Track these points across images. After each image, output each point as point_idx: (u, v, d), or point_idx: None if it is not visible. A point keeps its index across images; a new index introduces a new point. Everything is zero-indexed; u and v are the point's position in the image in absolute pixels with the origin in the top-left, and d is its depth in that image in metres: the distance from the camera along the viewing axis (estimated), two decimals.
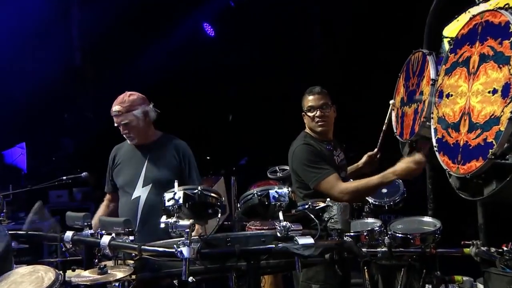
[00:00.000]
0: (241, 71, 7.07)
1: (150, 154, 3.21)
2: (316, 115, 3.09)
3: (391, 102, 3.76)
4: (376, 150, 3.54)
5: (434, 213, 4.06)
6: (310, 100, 3.12)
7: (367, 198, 3.63)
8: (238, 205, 2.20)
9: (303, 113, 3.17)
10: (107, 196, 3.41)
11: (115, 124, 3.17)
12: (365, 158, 3.52)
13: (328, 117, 3.14)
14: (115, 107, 3.13)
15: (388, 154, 3.63)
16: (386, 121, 3.56)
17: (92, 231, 2.22)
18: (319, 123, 3.11)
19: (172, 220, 1.99)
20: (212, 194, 2.10)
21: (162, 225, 2.02)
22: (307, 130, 3.20)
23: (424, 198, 4.23)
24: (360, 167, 3.52)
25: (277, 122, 6.64)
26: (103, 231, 2.17)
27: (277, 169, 4.48)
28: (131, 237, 2.15)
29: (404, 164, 2.81)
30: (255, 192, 2.11)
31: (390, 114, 3.74)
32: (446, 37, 3.18)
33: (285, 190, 2.10)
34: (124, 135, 3.20)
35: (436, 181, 4.09)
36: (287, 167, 4.43)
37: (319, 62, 7.15)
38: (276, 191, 2.08)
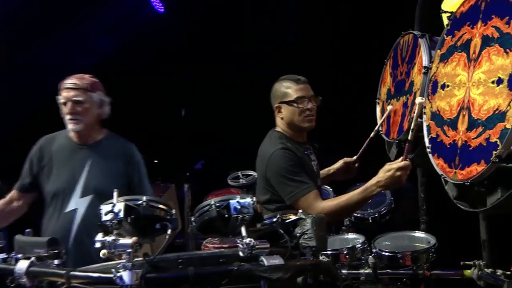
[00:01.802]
0: (198, 55, 6.99)
1: (92, 156, 3.12)
2: (307, 107, 3.08)
3: (389, 107, 3.74)
4: (355, 157, 3.51)
5: (427, 227, 4.13)
6: (298, 89, 3.09)
7: None
8: (193, 219, 2.17)
9: (278, 105, 3.13)
10: (14, 193, 3.23)
11: (61, 101, 3.06)
12: (341, 164, 3.52)
13: (315, 112, 3.15)
14: (71, 80, 3.08)
15: (372, 156, 3.65)
16: (376, 128, 3.54)
17: (3, 255, 2.13)
18: (308, 118, 3.09)
19: (110, 238, 1.93)
20: (160, 206, 2.07)
21: (98, 245, 1.95)
22: (280, 128, 3.15)
23: (416, 209, 4.29)
24: (332, 173, 3.52)
25: (241, 117, 6.60)
26: (20, 255, 2.09)
27: (240, 175, 4.42)
28: (57, 261, 2.07)
29: (386, 172, 2.83)
30: (213, 202, 2.08)
31: (383, 120, 3.71)
32: (445, 12, 3.22)
33: (249, 200, 2.08)
34: (67, 118, 3.07)
35: (430, 189, 4.16)
36: (252, 173, 4.40)
37: (294, 44, 7.17)
38: (238, 202, 2.06)
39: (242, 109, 6.68)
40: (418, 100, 3.41)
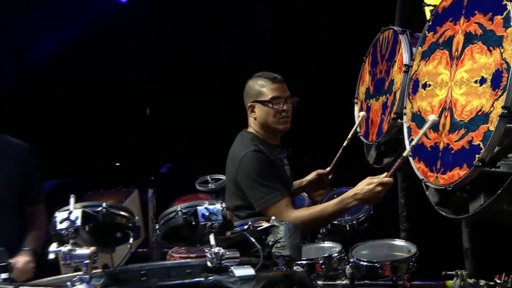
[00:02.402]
0: (165, 49, 6.96)
1: None
2: (282, 108, 3.07)
3: (361, 114, 3.78)
4: (328, 169, 3.51)
5: (408, 235, 4.18)
6: (274, 88, 3.08)
7: None
8: (157, 227, 2.15)
9: (252, 104, 3.12)
10: None
11: None
12: (313, 176, 3.52)
13: (291, 114, 3.15)
14: None
15: (350, 160, 3.69)
16: (349, 136, 3.56)
17: None
18: (284, 119, 3.09)
19: (65, 248, 1.90)
20: (122, 213, 2.05)
21: (51, 256, 1.92)
22: (252, 129, 3.14)
23: (395, 216, 4.35)
24: (304, 185, 3.52)
25: (211, 116, 6.60)
26: None
27: (209, 179, 4.45)
28: (4, 275, 2.03)
29: (366, 186, 2.85)
30: (179, 209, 2.07)
31: (356, 128, 3.73)
32: (428, 5, 3.27)
33: (218, 206, 2.07)
34: None
35: (410, 195, 4.22)
36: (221, 177, 4.40)
37: (268, 38, 7.18)
38: (206, 208, 2.05)
39: (212, 107, 6.68)
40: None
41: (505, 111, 2.23)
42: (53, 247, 1.93)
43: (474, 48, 2.53)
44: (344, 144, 3.51)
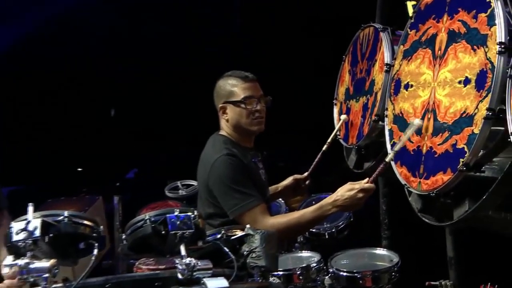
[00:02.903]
0: (129, 45, 6.90)
1: None
2: (256, 108, 3.08)
3: (342, 117, 3.81)
4: (306, 174, 3.54)
5: (390, 244, 4.22)
6: (246, 87, 3.08)
7: None
8: (124, 237, 2.14)
9: (223, 105, 3.12)
10: None
11: None
12: (290, 181, 3.53)
13: (265, 114, 3.16)
14: None
15: (329, 165, 3.71)
16: (329, 140, 3.59)
17: None
18: (257, 120, 3.09)
19: (23, 261, 1.88)
20: (85, 222, 2.04)
21: (6, 270, 1.90)
22: (224, 131, 3.14)
23: (377, 223, 4.38)
24: (280, 191, 3.53)
25: (181, 118, 6.57)
26: None
27: (179, 185, 4.43)
28: None
29: (346, 192, 2.87)
30: (147, 217, 2.06)
31: (336, 132, 3.78)
32: (411, 0, 3.33)
33: (189, 214, 2.07)
34: None
35: (392, 201, 4.25)
36: (193, 183, 4.40)
37: (239, 34, 7.18)
38: (176, 216, 2.05)
39: (182, 108, 6.64)
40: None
41: (490, 113, 2.28)
42: (9, 260, 1.90)
43: (458, 47, 2.58)
44: (324, 148, 3.54)
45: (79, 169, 6.45)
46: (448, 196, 2.62)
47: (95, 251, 2.04)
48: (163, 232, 2.04)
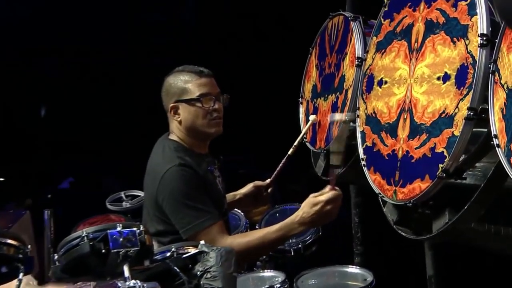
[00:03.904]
0: (64, 35, 6.83)
1: None
2: (213, 107, 3.06)
3: (311, 118, 3.82)
4: (268, 181, 3.52)
5: (363, 260, 4.26)
6: (202, 84, 3.05)
7: None
8: (56, 257, 2.11)
9: (174, 105, 3.10)
10: None
11: None
12: (249, 188, 3.52)
13: (223, 114, 3.14)
14: None
15: (294, 171, 3.74)
16: (295, 144, 3.59)
17: None
18: (215, 121, 3.07)
19: None
20: (9, 241, 2.01)
21: None
22: (175, 135, 3.11)
23: (348, 238, 4.42)
24: (238, 199, 3.50)
25: (123, 119, 6.52)
26: None
27: (123, 196, 4.41)
28: None
29: (311, 207, 2.87)
30: (84, 234, 2.04)
31: (304, 135, 3.78)
32: None
33: (134, 229, 2.06)
34: None
35: (365, 212, 4.30)
36: (139, 193, 4.37)
37: (192, 24, 7.16)
38: (119, 232, 2.04)
39: (126, 108, 6.59)
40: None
41: (471, 113, 2.33)
42: None
43: (436, 39, 2.63)
44: (289, 152, 3.55)
45: (1, 179, 6.34)
46: (426, 206, 2.67)
47: (21, 275, 2.00)
48: (103, 250, 2.02)
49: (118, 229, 2.06)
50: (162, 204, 2.94)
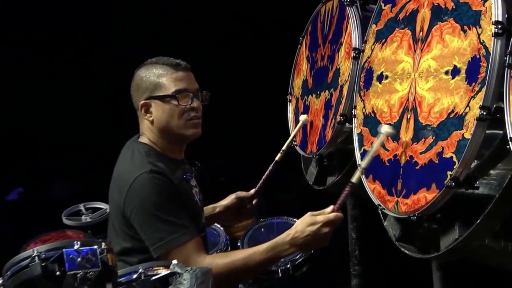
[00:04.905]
0: (13, 15, 6.81)
1: None
2: (191, 105, 3.05)
3: (302, 118, 3.82)
4: (253, 191, 3.53)
5: (361, 283, 4.26)
6: (178, 78, 3.03)
7: None
8: (1, 281, 2.08)
9: (146, 102, 3.08)
10: None
11: None
12: (231, 200, 3.51)
13: (201, 114, 3.13)
14: None
15: (282, 179, 3.73)
16: (284, 148, 3.59)
17: None
18: (193, 122, 3.06)
19: None
20: None
21: None
22: (146, 137, 3.09)
23: (345, 256, 4.42)
24: (218, 212, 3.51)
25: (84, 117, 6.50)
26: None
27: (82, 209, 4.38)
28: None
29: (307, 227, 2.86)
30: (36, 253, 2.02)
31: (292, 138, 3.78)
32: None
33: (95, 247, 2.04)
34: None
35: (364, 227, 4.30)
36: (101, 206, 4.35)
37: (165, 7, 7.16)
38: (77, 251, 2.02)
39: (86, 105, 6.57)
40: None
41: (484, 113, 2.33)
42: None
43: (444, 28, 2.64)
44: (277, 158, 3.55)
45: None
46: (433, 220, 2.67)
47: None
48: (57, 273, 2.00)
49: (76, 247, 2.04)
50: (130, 216, 2.93)
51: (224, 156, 6.51)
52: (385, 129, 2.79)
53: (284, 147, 3.58)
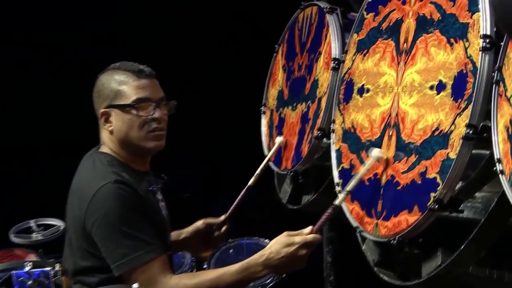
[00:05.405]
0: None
1: None
2: (153, 116, 3.03)
3: (278, 140, 3.81)
4: (223, 217, 3.50)
5: None
6: (141, 86, 3.01)
7: None
8: None
9: (106, 110, 3.06)
10: None
11: None
12: (199, 226, 3.48)
13: (166, 125, 3.11)
14: None
15: (254, 197, 3.73)
16: (258, 172, 3.57)
17: None
18: (155, 134, 3.04)
19: None
20: None
21: None
22: (107, 147, 3.08)
23: (319, 281, 4.42)
24: (184, 238, 3.49)
25: (39, 123, 6.46)
26: None
27: (33, 225, 4.33)
28: None
29: (284, 248, 2.85)
30: None
31: (267, 162, 3.79)
32: None
33: (47, 269, 2.04)
34: None
35: (341, 250, 4.31)
36: (55, 222, 4.31)
37: (127, 12, 7.16)
38: (28, 273, 2.03)
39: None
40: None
41: (471, 131, 2.35)
42: None
43: (430, 40, 2.66)
44: (250, 182, 3.52)
45: None
46: (415, 245, 2.67)
47: None
48: None
49: (27, 268, 2.04)
50: (92, 230, 2.90)
51: (189, 170, 6.50)
52: (376, 153, 2.80)
53: (258, 171, 3.57)
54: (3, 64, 6.20)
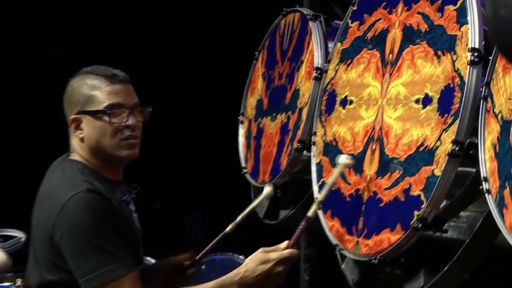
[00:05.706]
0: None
1: None
2: (126, 123, 3.01)
3: (266, 189, 3.66)
4: (192, 260, 3.30)
5: None
6: (113, 92, 2.97)
7: None
8: None
9: (77, 117, 3.04)
10: None
11: None
12: (161, 267, 3.44)
13: (140, 132, 3.09)
14: None
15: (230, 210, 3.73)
16: (238, 220, 3.37)
17: None
18: (128, 142, 3.01)
19: None
20: None
21: None
22: (78, 155, 3.05)
23: None
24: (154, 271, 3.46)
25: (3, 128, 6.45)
26: None
27: None
28: None
29: (260, 265, 2.84)
30: None
31: (250, 212, 3.68)
32: None
33: (8, 284, 2.04)
34: None
35: (318, 268, 4.31)
36: (16, 234, 4.27)
37: (103, 14, 7.17)
38: None
39: (7, 115, 6.53)
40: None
41: (457, 148, 2.36)
42: None
43: (416, 51, 2.68)
44: (227, 229, 3.32)
45: None
46: (396, 265, 2.68)
47: None
48: None
49: None
50: (60, 241, 2.86)
51: (160, 180, 6.48)
52: (343, 159, 2.79)
53: (237, 219, 3.44)
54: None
